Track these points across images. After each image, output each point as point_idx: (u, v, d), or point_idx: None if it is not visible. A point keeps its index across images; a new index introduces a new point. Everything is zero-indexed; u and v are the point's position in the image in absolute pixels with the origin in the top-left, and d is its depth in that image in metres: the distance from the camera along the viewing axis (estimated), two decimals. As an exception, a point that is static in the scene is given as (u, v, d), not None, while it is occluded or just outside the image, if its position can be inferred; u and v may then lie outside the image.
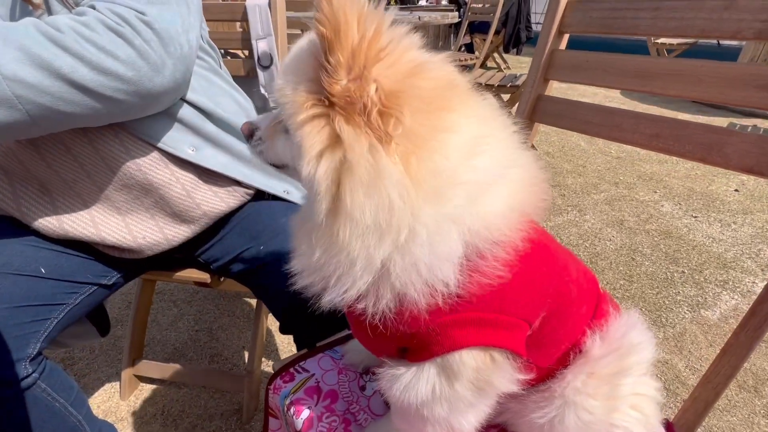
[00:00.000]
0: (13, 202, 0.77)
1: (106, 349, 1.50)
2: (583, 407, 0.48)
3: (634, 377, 0.49)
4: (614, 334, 0.49)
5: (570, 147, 3.40)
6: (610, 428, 0.49)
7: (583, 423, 0.48)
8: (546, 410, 0.50)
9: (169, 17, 0.64)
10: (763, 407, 1.28)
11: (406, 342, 0.45)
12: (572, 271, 0.50)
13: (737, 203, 2.51)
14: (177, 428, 1.22)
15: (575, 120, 0.75)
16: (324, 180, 0.38)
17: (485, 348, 0.43)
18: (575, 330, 0.50)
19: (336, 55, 0.35)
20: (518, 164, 0.43)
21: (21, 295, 0.69)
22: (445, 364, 0.43)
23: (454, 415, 0.46)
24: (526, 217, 0.43)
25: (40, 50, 0.55)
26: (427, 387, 0.44)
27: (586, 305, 0.51)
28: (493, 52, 5.75)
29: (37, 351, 0.69)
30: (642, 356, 0.50)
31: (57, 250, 0.79)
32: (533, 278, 0.45)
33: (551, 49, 0.77)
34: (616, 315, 0.51)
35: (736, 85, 0.55)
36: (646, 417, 0.49)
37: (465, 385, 0.44)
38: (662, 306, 1.70)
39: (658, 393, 0.52)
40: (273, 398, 0.69)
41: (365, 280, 0.40)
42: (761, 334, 0.53)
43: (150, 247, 0.82)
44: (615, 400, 0.49)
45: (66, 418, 0.75)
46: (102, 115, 0.64)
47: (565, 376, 0.49)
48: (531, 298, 0.45)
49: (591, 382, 0.48)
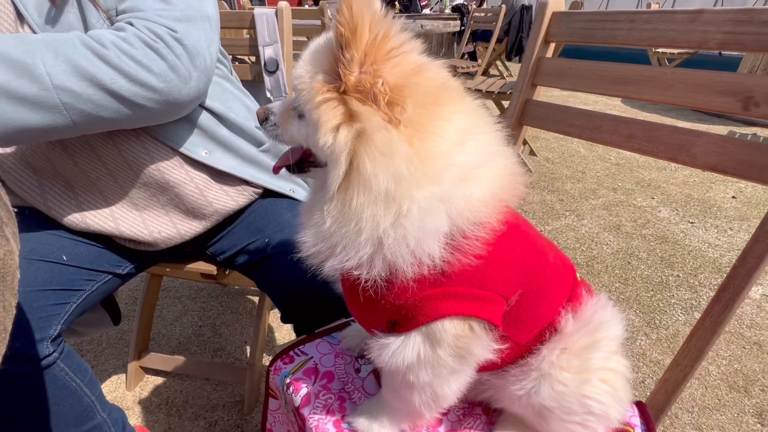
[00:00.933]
0: (39, 196, 0.83)
1: (113, 343, 1.55)
2: (557, 379, 0.52)
3: (604, 352, 0.54)
4: (586, 312, 0.54)
5: (570, 153, 3.45)
6: (581, 399, 0.53)
7: (557, 394, 0.52)
8: (524, 383, 0.54)
9: (195, 34, 0.71)
10: (752, 407, 1.31)
11: (395, 314, 0.50)
12: (549, 256, 0.55)
13: (734, 210, 2.54)
14: (180, 417, 1.26)
15: (560, 123, 0.80)
16: (343, 147, 0.44)
17: (465, 318, 0.48)
18: (551, 310, 0.54)
19: (351, 51, 0.41)
20: (501, 155, 0.49)
21: (45, 280, 0.75)
22: (429, 332, 0.49)
23: (437, 381, 0.51)
24: (505, 203, 0.48)
25: (86, 64, 0.62)
26: (413, 352, 0.49)
27: (561, 288, 0.56)
28: (495, 60, 5.83)
29: (58, 332, 0.74)
30: (611, 332, 0.54)
31: (77, 240, 0.85)
32: (511, 258, 0.50)
33: (538, 57, 0.83)
34: (589, 298, 0.56)
35: (701, 91, 0.60)
36: (615, 390, 0.54)
37: (446, 351, 0.49)
38: (656, 308, 1.73)
39: (627, 370, 0.56)
40: (273, 378, 0.74)
41: (366, 251, 0.46)
42: (725, 319, 0.57)
43: (164, 240, 0.88)
44: (586, 372, 0.53)
45: (81, 397, 0.80)
46: (133, 120, 0.71)
47: (540, 351, 0.54)
48: (508, 276, 0.50)
49: (564, 356, 0.53)
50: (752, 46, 0.55)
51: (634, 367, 1.45)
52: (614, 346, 0.55)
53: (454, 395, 0.54)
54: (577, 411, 0.54)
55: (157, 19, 0.68)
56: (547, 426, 0.56)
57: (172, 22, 0.69)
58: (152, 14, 0.68)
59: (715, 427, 1.24)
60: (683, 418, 1.27)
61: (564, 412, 0.54)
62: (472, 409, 0.67)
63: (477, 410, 0.67)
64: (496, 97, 3.19)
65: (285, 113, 0.54)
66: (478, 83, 3.35)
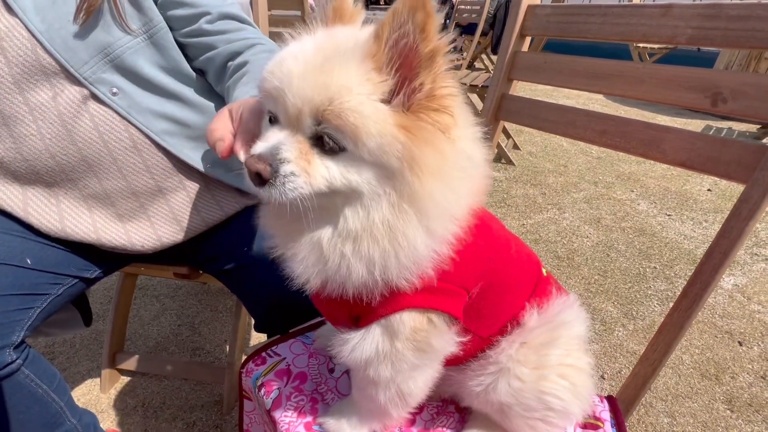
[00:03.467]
0: (21, 202, 0.79)
1: (87, 344, 1.50)
2: (515, 374, 0.52)
3: (563, 349, 0.54)
4: (551, 310, 0.54)
5: (552, 147, 3.48)
6: (539, 395, 0.53)
7: (514, 390, 0.52)
8: (481, 378, 0.54)
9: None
10: (723, 394, 1.35)
11: (357, 307, 0.49)
12: (512, 249, 0.54)
13: (709, 202, 2.61)
14: (157, 419, 1.23)
15: (535, 118, 0.80)
16: (410, 173, 0.39)
17: (424, 311, 0.47)
18: (514, 303, 0.54)
19: (427, 69, 0.38)
20: (481, 160, 0.47)
21: (7, 284, 0.71)
22: (387, 324, 0.48)
23: (400, 377, 0.50)
24: (480, 203, 0.47)
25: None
26: (371, 346, 0.48)
27: (525, 282, 0.55)
28: (480, 54, 5.82)
29: (21, 339, 0.71)
30: (572, 332, 0.54)
31: (43, 242, 0.81)
32: (472, 251, 0.49)
33: (513, 51, 0.82)
34: (558, 296, 0.56)
35: (671, 87, 0.60)
36: (575, 386, 0.54)
37: (405, 344, 0.48)
38: (634, 300, 1.77)
39: (588, 367, 0.56)
40: (245, 381, 0.72)
41: (379, 272, 0.43)
42: (692, 314, 0.58)
43: (143, 247, 0.85)
44: (543, 368, 0.53)
45: (48, 404, 0.77)
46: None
47: (500, 343, 0.54)
48: (469, 268, 0.49)
49: (522, 351, 0.52)
50: (720, 42, 0.55)
51: (611, 357, 1.48)
52: (575, 344, 0.55)
53: (420, 392, 0.53)
54: (536, 407, 0.54)
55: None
56: (510, 423, 0.56)
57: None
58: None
59: (687, 414, 1.28)
60: (657, 406, 1.31)
61: (523, 408, 0.54)
62: (446, 407, 0.66)
63: (450, 408, 0.66)
64: (480, 91, 3.18)
65: (301, 152, 0.40)
66: (462, 76, 3.34)
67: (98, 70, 0.72)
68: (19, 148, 0.74)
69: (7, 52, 0.68)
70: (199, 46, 0.80)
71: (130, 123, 0.76)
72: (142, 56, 0.75)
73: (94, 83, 0.72)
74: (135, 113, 0.76)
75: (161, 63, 0.78)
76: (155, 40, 0.76)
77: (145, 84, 0.77)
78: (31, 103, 0.71)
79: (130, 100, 0.76)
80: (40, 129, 0.72)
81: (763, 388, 1.37)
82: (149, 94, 0.78)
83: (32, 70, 0.69)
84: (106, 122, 0.75)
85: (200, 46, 0.81)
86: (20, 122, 0.72)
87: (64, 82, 0.71)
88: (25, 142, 0.73)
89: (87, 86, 0.72)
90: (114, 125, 0.75)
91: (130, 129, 0.76)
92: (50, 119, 0.72)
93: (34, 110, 0.72)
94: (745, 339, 1.56)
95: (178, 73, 0.80)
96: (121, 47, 0.73)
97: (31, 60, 0.68)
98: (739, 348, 1.52)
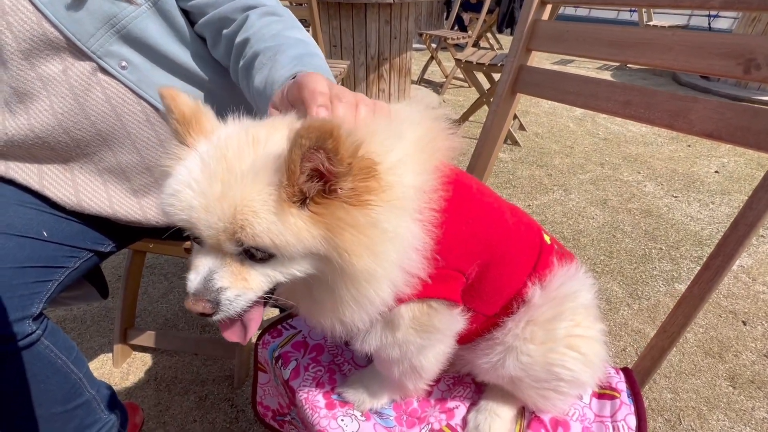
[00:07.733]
0: (36, 176, 0.78)
1: (98, 320, 1.52)
2: (522, 351, 0.52)
3: (569, 321, 0.54)
4: (553, 284, 0.53)
5: (559, 128, 3.44)
6: (548, 367, 0.53)
7: (522, 365, 0.53)
8: (489, 357, 0.55)
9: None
10: (726, 371, 1.37)
11: None
12: (508, 221, 0.53)
13: (716, 184, 2.59)
14: (170, 392, 1.26)
15: (555, 90, 0.78)
16: (340, 250, 0.38)
17: (422, 300, 0.47)
18: (516, 279, 0.53)
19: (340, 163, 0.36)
20: (410, 126, 0.45)
21: (26, 256, 0.71)
22: (386, 319, 0.49)
23: (413, 356, 0.52)
24: (440, 171, 0.45)
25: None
26: (376, 339, 0.50)
27: (526, 252, 0.54)
28: (486, 32, 5.68)
29: (40, 311, 0.71)
30: (578, 302, 0.54)
31: (58, 215, 0.80)
32: (464, 230, 0.48)
33: (534, 19, 0.79)
34: (560, 266, 0.55)
35: (701, 54, 0.58)
36: (584, 356, 0.54)
37: (406, 332, 0.49)
38: (639, 280, 1.77)
39: (600, 334, 0.56)
40: (262, 353, 0.73)
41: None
42: (713, 286, 0.58)
43: (158, 223, 0.85)
44: (551, 342, 0.53)
45: (68, 375, 0.78)
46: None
47: (506, 324, 0.54)
48: (463, 249, 0.48)
49: (529, 328, 0.52)
50: (757, 5, 0.52)
51: (616, 336, 1.50)
52: (583, 313, 0.55)
53: (433, 366, 0.54)
54: (545, 379, 0.54)
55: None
56: (523, 394, 0.57)
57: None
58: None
59: (690, 391, 1.30)
60: (660, 382, 1.33)
61: (533, 380, 0.54)
62: (462, 378, 0.67)
63: (467, 379, 0.67)
64: (486, 69, 3.12)
65: (234, 274, 0.41)
66: (468, 55, 3.26)
67: (105, 43, 0.71)
68: (32, 126, 0.73)
69: (13, 27, 0.66)
70: (196, 9, 0.78)
71: (140, 97, 0.75)
72: (150, 24, 0.73)
73: (103, 57, 0.71)
74: (145, 86, 0.75)
75: (168, 31, 0.76)
76: (159, 6, 0.74)
77: (154, 55, 0.75)
78: (43, 78, 0.70)
79: (140, 74, 0.74)
80: (52, 104, 0.72)
81: (765, 365, 1.38)
82: (158, 68, 0.76)
83: (40, 45, 0.68)
84: (118, 95, 0.74)
85: (197, 10, 0.78)
86: (36, 98, 0.71)
87: (72, 57, 0.70)
88: (38, 118, 0.72)
89: (96, 60, 0.70)
90: (126, 97, 0.74)
91: (142, 102, 0.75)
92: (62, 93, 0.71)
93: (48, 85, 0.71)
94: (749, 319, 1.58)
95: (185, 40, 0.79)
96: (126, 17, 0.71)
97: (38, 34, 0.67)
98: (743, 327, 1.54)
